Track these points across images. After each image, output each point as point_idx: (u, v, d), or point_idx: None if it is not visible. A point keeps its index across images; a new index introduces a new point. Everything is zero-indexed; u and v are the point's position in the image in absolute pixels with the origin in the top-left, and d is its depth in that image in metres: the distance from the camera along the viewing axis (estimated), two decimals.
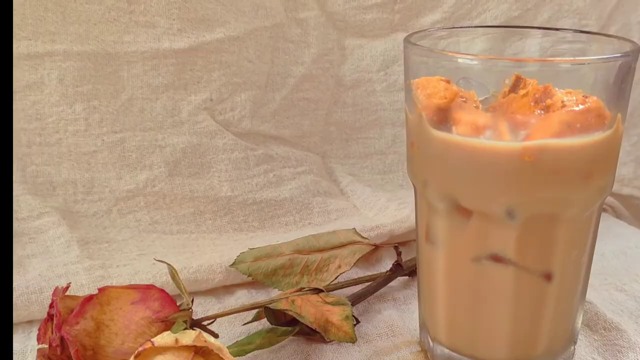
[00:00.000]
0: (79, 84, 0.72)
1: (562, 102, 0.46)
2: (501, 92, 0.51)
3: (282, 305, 0.59)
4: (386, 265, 0.71)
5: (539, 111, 0.47)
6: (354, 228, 0.69)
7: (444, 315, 0.55)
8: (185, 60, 0.73)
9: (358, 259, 0.66)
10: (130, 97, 0.73)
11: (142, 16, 0.71)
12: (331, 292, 0.62)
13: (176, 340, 0.50)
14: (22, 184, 0.72)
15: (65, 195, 0.74)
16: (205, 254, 0.71)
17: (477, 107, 0.48)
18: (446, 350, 0.55)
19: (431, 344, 0.56)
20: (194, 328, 0.56)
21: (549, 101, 0.46)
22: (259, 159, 0.78)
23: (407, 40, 0.52)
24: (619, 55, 0.48)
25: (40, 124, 0.72)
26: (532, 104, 0.47)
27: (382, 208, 0.78)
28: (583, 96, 0.47)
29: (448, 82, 0.49)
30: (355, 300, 0.64)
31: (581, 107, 0.46)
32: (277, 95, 0.79)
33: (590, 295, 0.64)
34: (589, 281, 0.56)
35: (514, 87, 0.50)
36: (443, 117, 0.48)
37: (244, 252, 0.66)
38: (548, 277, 0.50)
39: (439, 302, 0.54)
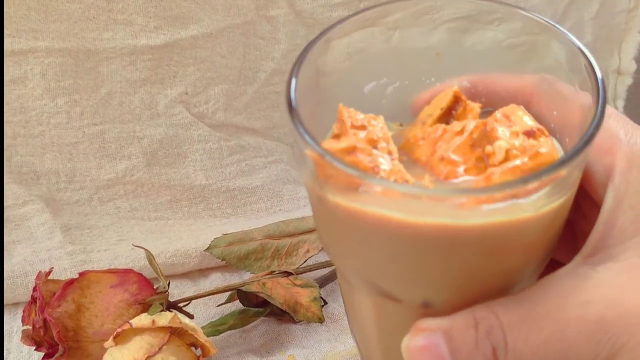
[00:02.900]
0: (61, 78, 0.72)
1: (507, 152, 0.34)
2: (429, 117, 0.39)
3: (254, 288, 0.61)
4: None
5: (475, 160, 0.35)
6: None
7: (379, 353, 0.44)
8: (162, 56, 0.73)
9: None
10: (109, 91, 0.73)
11: (120, 14, 0.71)
12: (300, 275, 0.64)
13: (153, 322, 0.52)
14: (8, 173, 0.72)
15: (48, 184, 0.74)
16: (181, 239, 0.72)
17: (393, 159, 0.35)
18: None
19: None
20: (170, 310, 0.57)
21: (489, 149, 0.35)
22: (232, 149, 0.78)
23: (291, 111, 0.36)
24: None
25: (24, 116, 0.72)
26: (469, 146, 0.36)
27: None
28: (530, 130, 0.35)
29: (354, 149, 0.35)
30: (323, 282, 0.66)
31: (530, 161, 0.34)
32: (249, 89, 0.79)
33: None
34: None
35: (449, 111, 0.39)
36: (349, 190, 0.34)
37: (218, 237, 0.67)
38: None
39: (371, 340, 0.44)
